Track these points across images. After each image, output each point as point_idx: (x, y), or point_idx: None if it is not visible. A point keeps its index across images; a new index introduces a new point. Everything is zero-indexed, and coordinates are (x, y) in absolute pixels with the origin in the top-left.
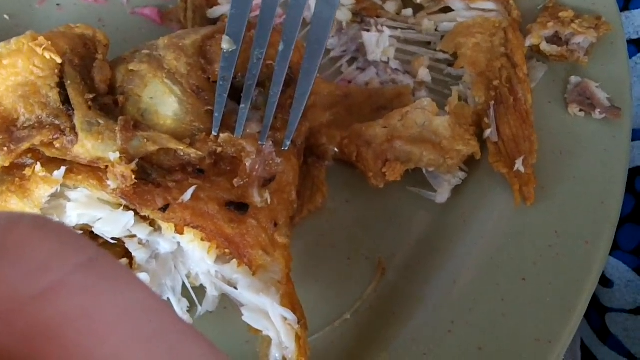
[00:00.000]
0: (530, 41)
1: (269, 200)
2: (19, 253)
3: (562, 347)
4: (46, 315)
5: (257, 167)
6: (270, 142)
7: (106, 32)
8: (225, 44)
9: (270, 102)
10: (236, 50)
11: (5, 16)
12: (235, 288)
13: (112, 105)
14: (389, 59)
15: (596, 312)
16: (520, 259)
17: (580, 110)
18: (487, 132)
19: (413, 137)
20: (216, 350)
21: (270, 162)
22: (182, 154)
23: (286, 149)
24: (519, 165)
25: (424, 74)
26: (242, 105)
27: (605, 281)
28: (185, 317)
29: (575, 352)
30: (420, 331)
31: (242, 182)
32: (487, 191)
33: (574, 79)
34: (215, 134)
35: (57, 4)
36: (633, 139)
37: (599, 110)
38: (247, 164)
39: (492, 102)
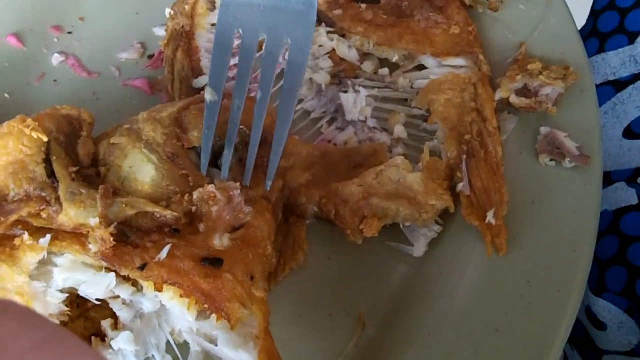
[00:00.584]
0: (499, 94)
1: (225, 244)
2: None
3: None
4: None
5: (224, 213)
6: (239, 191)
7: (99, 104)
8: (208, 95)
9: (252, 144)
10: (218, 101)
11: (6, 95)
12: (215, 344)
13: (94, 176)
14: (366, 117)
15: (594, 355)
16: (493, 309)
17: (551, 160)
18: (460, 185)
19: (388, 193)
20: None
21: (239, 210)
22: (158, 215)
23: (267, 188)
24: (490, 217)
25: (399, 130)
26: (225, 151)
27: (598, 324)
28: None
29: None
30: None
31: (205, 226)
32: (462, 243)
33: (543, 129)
34: (204, 174)
35: (54, 80)
36: (615, 180)
37: (568, 158)
38: (212, 210)
39: (464, 156)
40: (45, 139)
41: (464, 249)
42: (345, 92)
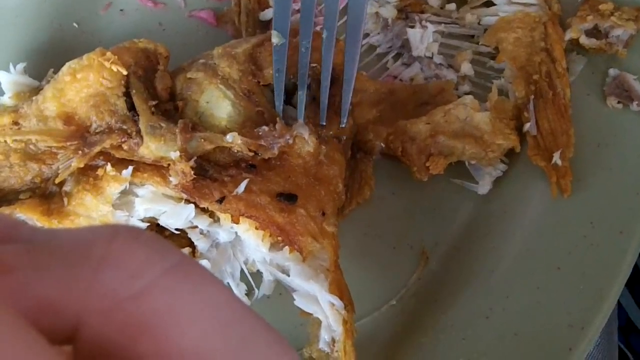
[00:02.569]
0: (569, 35)
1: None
2: (119, 261)
3: (594, 333)
4: (139, 312)
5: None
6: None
7: (165, 35)
8: (275, 39)
9: (323, 85)
10: (285, 43)
11: (74, 24)
12: (288, 275)
13: (172, 110)
14: (432, 54)
15: None
16: (556, 249)
17: (619, 103)
18: (527, 126)
19: (455, 132)
20: (281, 337)
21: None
22: (235, 151)
23: (343, 126)
24: (556, 158)
25: (466, 68)
26: (299, 92)
27: None
28: (244, 300)
29: (612, 337)
30: (459, 317)
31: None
32: (526, 183)
33: (612, 72)
34: (281, 121)
35: (121, 10)
36: None
37: (636, 102)
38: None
39: (532, 96)
40: (125, 72)
41: (529, 189)
42: (412, 27)
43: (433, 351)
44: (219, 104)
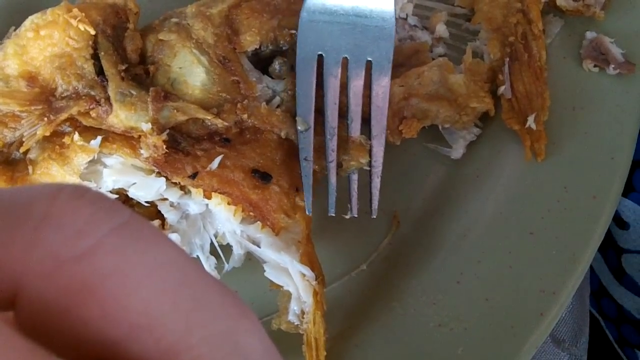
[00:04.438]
0: None
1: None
2: (61, 220)
3: (566, 298)
4: (84, 273)
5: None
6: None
7: None
8: (300, 125)
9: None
10: (310, 129)
11: None
12: (259, 246)
13: (143, 75)
14: (407, 15)
15: (614, 253)
16: (529, 214)
17: (595, 66)
18: (501, 89)
19: (429, 94)
20: (238, 299)
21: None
22: (209, 123)
23: (374, 217)
24: (530, 122)
25: (441, 29)
26: (330, 184)
27: (621, 223)
28: (214, 273)
29: (584, 302)
30: (430, 282)
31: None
32: (500, 147)
33: (589, 34)
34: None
35: None
36: None
37: (612, 65)
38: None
39: (507, 59)
40: (93, 32)
41: (502, 152)
42: None
43: (403, 315)
44: (192, 70)
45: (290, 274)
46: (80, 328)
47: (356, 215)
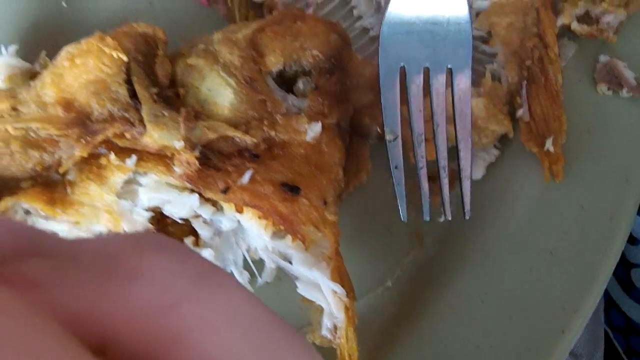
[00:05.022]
0: (561, 21)
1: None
2: (150, 275)
3: (586, 314)
4: (173, 324)
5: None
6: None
7: (155, 13)
8: (388, 136)
9: (442, 180)
10: (398, 138)
11: (63, 3)
12: (290, 262)
13: (174, 97)
14: None
15: (623, 267)
16: (548, 233)
17: (609, 89)
18: (520, 112)
19: (450, 117)
20: (304, 342)
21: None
22: (238, 140)
23: (467, 218)
24: (548, 144)
25: None
26: (424, 188)
27: (631, 239)
28: (247, 287)
29: (599, 316)
30: (455, 301)
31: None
32: (518, 168)
33: (602, 58)
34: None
35: None
36: None
37: (626, 88)
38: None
39: (524, 82)
40: (125, 59)
41: (521, 174)
42: None
43: (430, 334)
44: (220, 91)
45: (321, 290)
46: None
47: (450, 219)
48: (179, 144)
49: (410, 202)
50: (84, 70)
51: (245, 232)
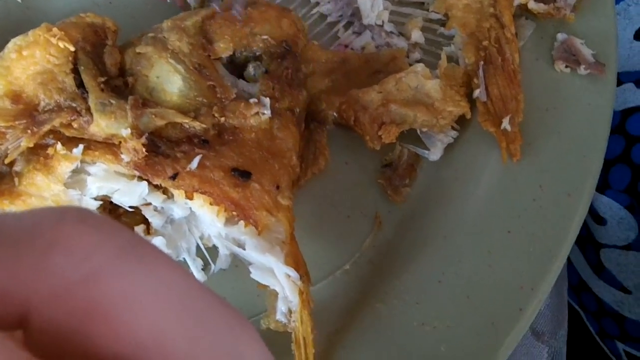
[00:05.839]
0: (518, 0)
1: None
2: (68, 245)
3: (544, 293)
4: (91, 296)
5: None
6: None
7: (113, 9)
8: None
9: None
10: None
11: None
12: (244, 248)
13: (122, 86)
14: (383, 22)
15: (592, 248)
16: (506, 213)
17: (566, 67)
18: (477, 92)
19: (407, 100)
20: (238, 313)
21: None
22: (187, 126)
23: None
24: (505, 124)
25: (417, 35)
26: None
27: (599, 219)
28: (200, 275)
29: (562, 296)
30: (412, 282)
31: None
32: (477, 149)
33: (560, 36)
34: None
35: None
36: (624, 81)
37: (583, 66)
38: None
39: (482, 63)
40: (72, 49)
41: (480, 154)
42: None
43: (388, 316)
44: (169, 78)
45: (275, 274)
46: (89, 348)
47: None
48: (125, 132)
49: (372, 185)
50: (31, 61)
51: (198, 219)
